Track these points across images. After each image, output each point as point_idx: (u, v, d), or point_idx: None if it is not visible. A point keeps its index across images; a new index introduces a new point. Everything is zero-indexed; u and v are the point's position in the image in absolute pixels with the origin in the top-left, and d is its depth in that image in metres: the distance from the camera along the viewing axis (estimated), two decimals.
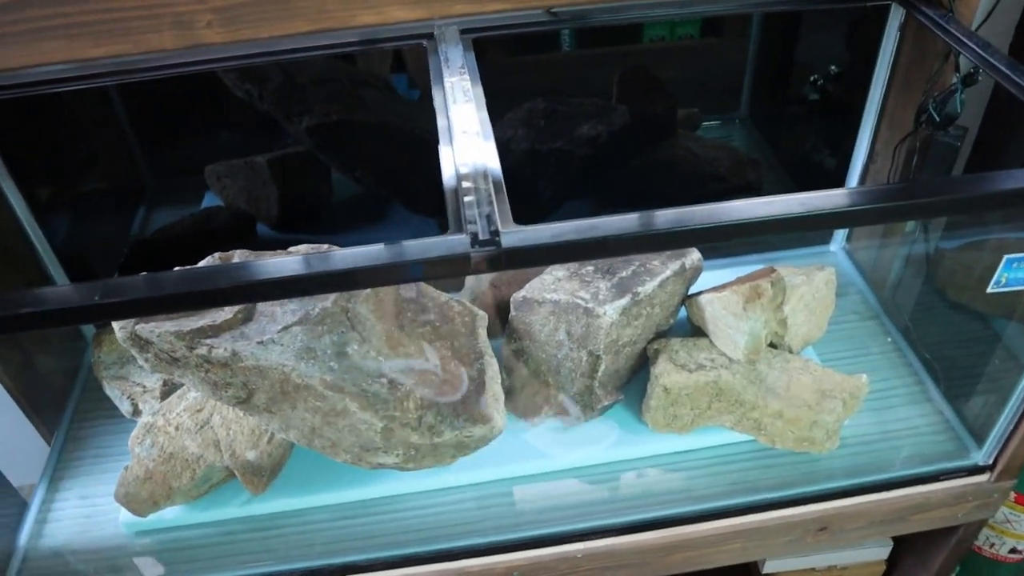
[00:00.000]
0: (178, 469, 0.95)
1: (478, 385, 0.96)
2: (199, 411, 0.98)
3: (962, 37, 0.93)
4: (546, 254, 0.69)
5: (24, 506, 1.03)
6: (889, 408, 1.09)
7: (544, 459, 1.03)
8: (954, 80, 1.03)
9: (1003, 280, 0.80)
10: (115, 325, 0.84)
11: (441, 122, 0.83)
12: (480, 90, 0.88)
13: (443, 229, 1.33)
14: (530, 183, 1.28)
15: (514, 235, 0.69)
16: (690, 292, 1.07)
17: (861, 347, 1.16)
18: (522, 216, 0.71)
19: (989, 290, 0.81)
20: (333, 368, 0.87)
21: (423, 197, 1.33)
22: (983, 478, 1.03)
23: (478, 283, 1.14)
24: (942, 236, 1.20)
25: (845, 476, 1.01)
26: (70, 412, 1.14)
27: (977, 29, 1.07)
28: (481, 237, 0.68)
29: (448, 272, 0.68)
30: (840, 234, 1.31)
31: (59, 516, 1.03)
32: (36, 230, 1.14)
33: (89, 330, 1.21)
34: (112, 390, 1.07)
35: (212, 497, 1.00)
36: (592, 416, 1.05)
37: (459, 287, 1.16)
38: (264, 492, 0.99)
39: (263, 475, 0.96)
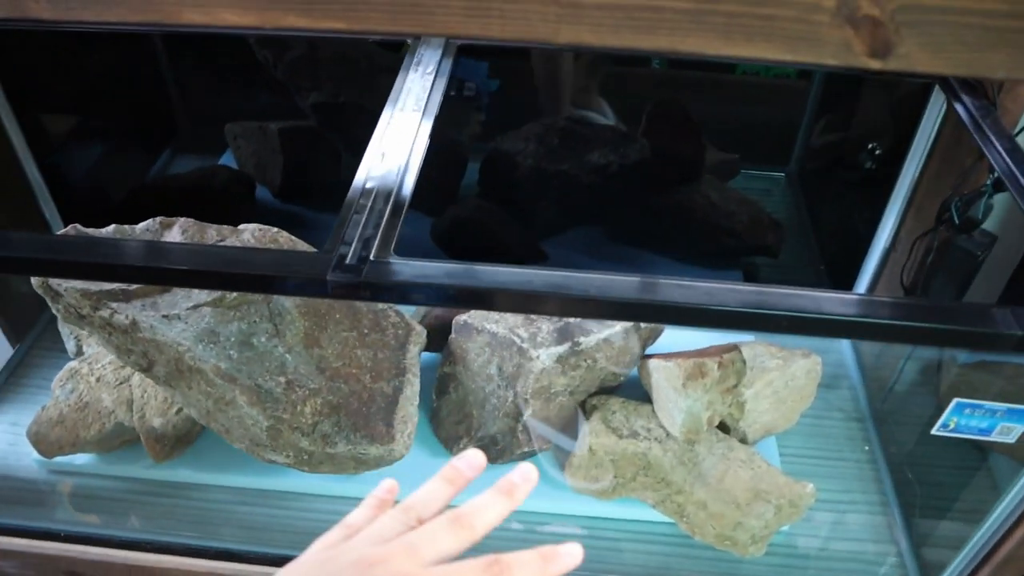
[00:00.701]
0: (89, 420, 0.96)
1: (390, 403, 0.92)
2: (122, 368, 0.99)
3: (993, 137, 0.81)
4: (409, 293, 0.64)
5: None
6: (840, 524, 0.99)
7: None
8: (986, 182, 0.91)
9: (951, 424, 0.70)
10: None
11: (379, 128, 0.79)
12: (438, 99, 0.83)
13: (436, 234, 1.29)
14: (528, 201, 1.22)
15: (381, 267, 0.64)
16: (648, 352, 1.00)
17: (833, 449, 1.06)
18: (511, 234, 0.65)
19: (934, 431, 0.71)
20: (231, 357, 0.85)
21: (419, 194, 1.29)
22: None
23: None
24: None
25: None
26: (29, 341, 1.17)
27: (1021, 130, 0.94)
28: (347, 261, 0.64)
29: (301, 292, 0.65)
30: None
31: None
32: (32, 167, 1.16)
33: None
34: (64, 327, 1.09)
35: (122, 453, 1.01)
36: (511, 460, 0.99)
37: None
38: (169, 461, 0.98)
39: (166, 444, 0.96)
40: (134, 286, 0.86)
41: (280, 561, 0.93)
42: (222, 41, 1.28)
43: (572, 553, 0.44)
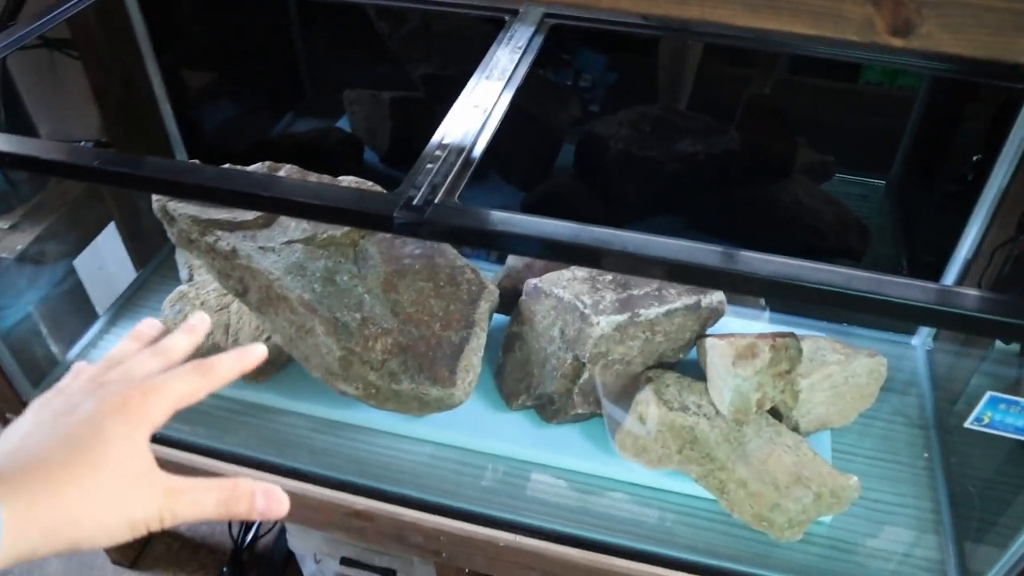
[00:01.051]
0: None
1: (455, 351, 0.98)
2: (224, 295, 1.09)
3: None
4: (464, 235, 0.70)
5: (90, 324, 1.21)
6: (886, 526, 0.98)
7: (507, 443, 1.04)
8: None
9: (985, 419, 0.70)
10: (153, 198, 0.96)
11: (464, 92, 0.86)
12: (523, 72, 0.89)
13: (525, 206, 1.36)
14: (615, 183, 1.26)
15: (443, 210, 0.70)
16: (708, 333, 1.02)
17: (889, 453, 1.05)
18: (594, 213, 0.70)
19: (967, 424, 0.71)
20: (315, 290, 0.93)
21: (516, 168, 1.35)
22: None
23: (517, 261, 1.15)
24: None
25: (798, 572, 0.94)
26: (158, 260, 1.31)
27: None
28: (414, 203, 0.71)
29: (370, 226, 0.72)
30: (926, 328, 1.18)
31: (107, 342, 1.19)
32: (171, 119, 1.29)
33: None
34: (179, 256, 1.21)
35: None
36: (565, 420, 1.04)
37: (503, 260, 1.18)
38: (255, 384, 1.08)
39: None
40: (240, 219, 0.96)
41: (342, 486, 1.02)
42: (346, 11, 1.38)
43: (259, 349, 0.51)
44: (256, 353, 0.51)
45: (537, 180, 1.33)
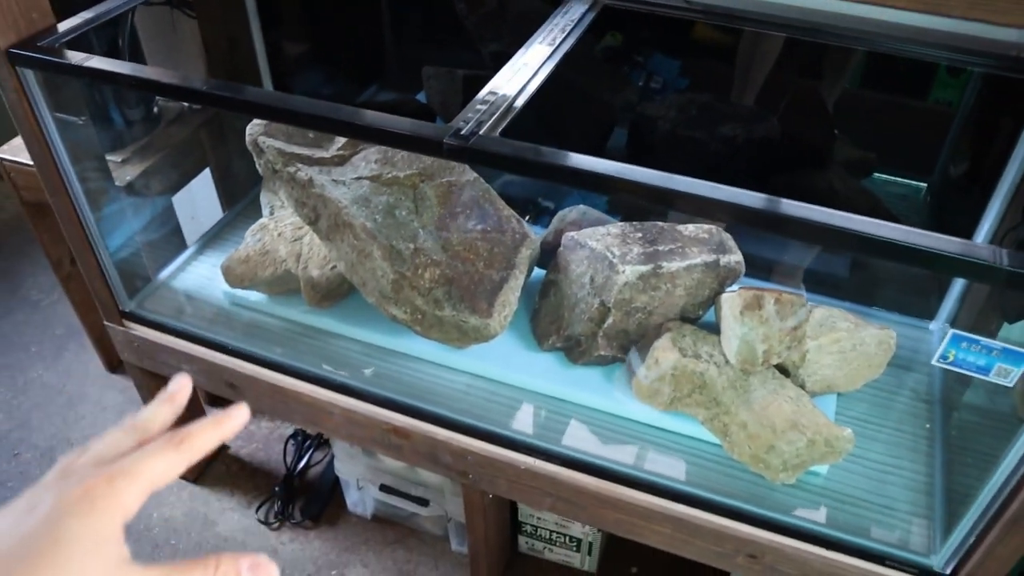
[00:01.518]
0: (266, 263, 1.21)
1: (494, 287, 1.10)
2: (300, 228, 1.24)
3: None
4: (501, 161, 0.82)
5: (181, 251, 1.37)
6: (883, 483, 1.05)
7: (535, 379, 1.15)
8: None
9: (949, 356, 0.78)
10: (247, 130, 1.11)
11: (517, 54, 0.98)
12: (572, 42, 1.01)
13: None
14: (660, 162, 1.36)
15: (486, 140, 0.82)
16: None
17: (892, 421, 1.12)
18: None
19: (933, 361, 0.79)
20: (376, 220, 1.06)
21: (571, 146, 1.46)
22: None
23: (562, 221, 1.26)
24: None
25: (791, 514, 1.01)
26: (242, 204, 1.47)
27: None
28: (462, 132, 0.83)
29: (423, 149, 0.84)
30: (944, 314, 1.24)
31: (193, 269, 1.35)
32: (269, 83, 1.45)
33: None
34: (264, 197, 1.36)
35: (285, 297, 1.25)
36: (589, 361, 1.14)
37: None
38: (318, 308, 1.22)
39: (318, 291, 1.19)
40: (318, 155, 1.10)
41: (386, 403, 1.14)
42: None
43: (241, 414, 0.46)
44: (236, 419, 0.46)
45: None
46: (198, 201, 1.49)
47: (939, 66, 1.38)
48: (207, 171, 1.51)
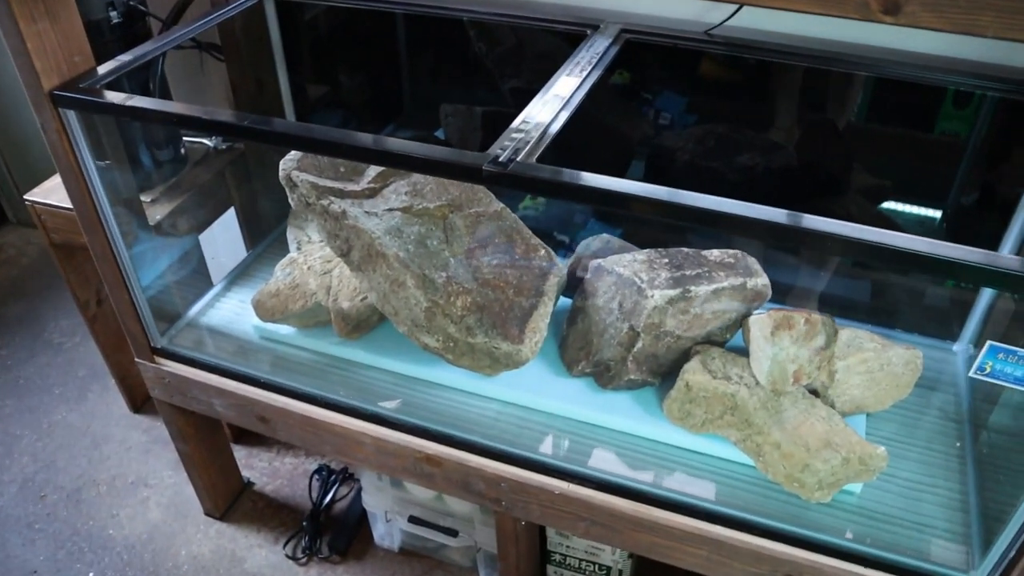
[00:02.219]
0: (297, 296, 1.23)
1: (524, 314, 1.12)
2: (329, 262, 1.26)
3: None
4: (540, 185, 0.84)
5: (207, 289, 1.39)
6: (917, 501, 1.05)
7: (566, 404, 1.16)
8: None
9: (987, 368, 0.79)
10: (280, 165, 1.13)
11: (549, 84, 1.01)
12: (598, 74, 1.04)
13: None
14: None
15: (523, 167, 0.85)
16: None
17: (923, 441, 1.13)
18: None
19: (970, 374, 0.80)
20: (409, 250, 1.08)
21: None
22: None
23: (586, 249, 1.28)
24: None
25: (828, 533, 1.02)
26: (268, 242, 1.49)
27: None
28: (500, 160, 0.85)
29: (463, 176, 0.86)
30: (968, 335, 1.25)
31: (221, 305, 1.37)
32: (291, 112, 1.49)
33: None
34: (291, 233, 1.39)
35: (315, 331, 1.27)
36: (620, 386, 1.15)
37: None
38: (349, 339, 1.23)
39: (349, 323, 1.21)
40: (349, 188, 1.12)
41: (417, 432, 1.15)
42: (447, 34, 1.56)
43: None
44: None
45: None
46: (223, 239, 1.52)
47: (945, 98, 1.41)
48: (231, 210, 1.54)
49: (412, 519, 1.40)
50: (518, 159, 0.85)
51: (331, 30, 1.53)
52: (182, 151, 1.48)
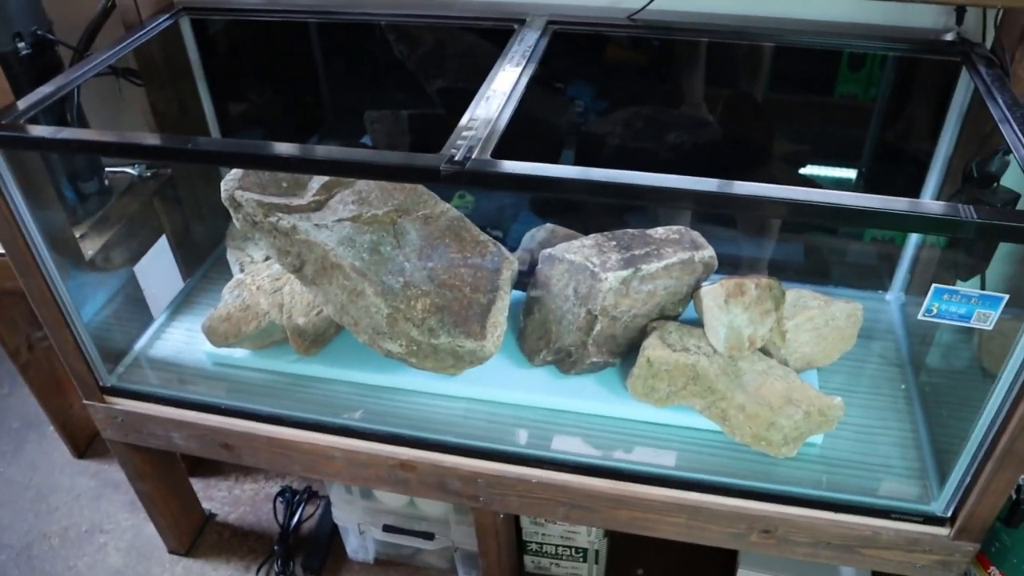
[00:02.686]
0: (249, 318, 1.21)
1: (483, 310, 1.13)
2: (277, 279, 1.24)
3: (1004, 106, 0.96)
4: (497, 180, 0.86)
5: (150, 321, 1.35)
6: (872, 443, 1.12)
7: (532, 394, 1.18)
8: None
9: (934, 309, 0.84)
10: (222, 186, 1.11)
11: (487, 81, 1.02)
12: (533, 67, 1.06)
13: (532, 203, 1.52)
14: None
15: (480, 163, 0.86)
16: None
17: (871, 387, 1.19)
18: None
19: (919, 316, 0.85)
20: (364, 258, 1.08)
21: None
22: (942, 531, 1.04)
23: (532, 240, 1.30)
24: None
25: (798, 485, 1.07)
26: (205, 267, 1.46)
27: None
28: (456, 159, 0.86)
29: (421, 179, 0.87)
30: (898, 284, 1.33)
31: (168, 336, 1.33)
32: (216, 132, 1.46)
33: None
34: (231, 256, 1.36)
35: (271, 351, 1.25)
36: (582, 370, 1.18)
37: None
38: (307, 356, 1.22)
39: (307, 339, 1.20)
40: (295, 203, 1.11)
41: (388, 439, 1.15)
42: (366, 41, 1.56)
43: None
44: None
45: None
46: (159, 269, 1.48)
47: (840, 63, 1.49)
48: (163, 239, 1.50)
49: (386, 528, 1.40)
50: (473, 156, 0.87)
51: (250, 46, 1.50)
52: (106, 182, 1.43)
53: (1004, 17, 1.09)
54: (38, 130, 0.98)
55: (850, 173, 1.61)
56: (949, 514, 1.03)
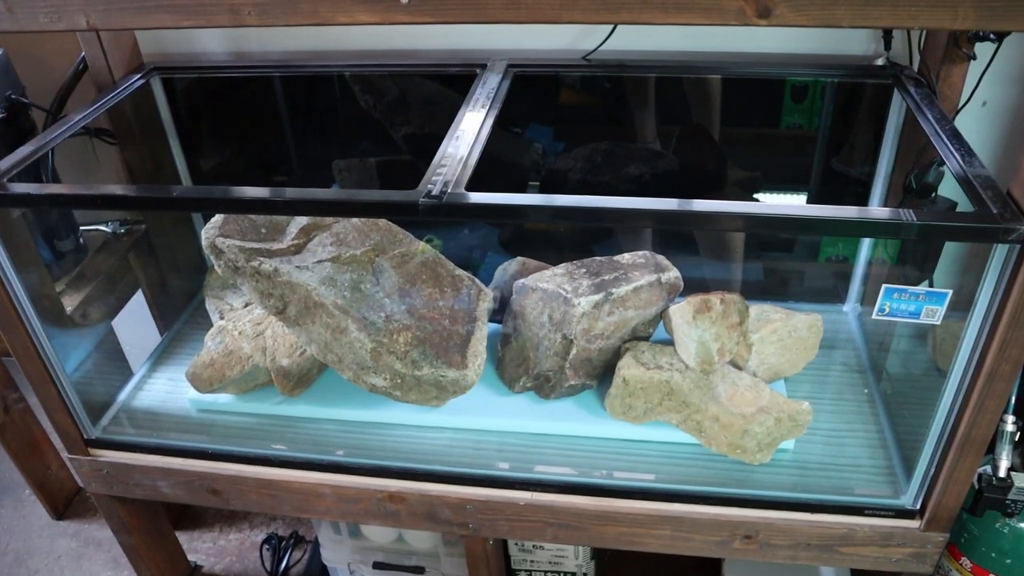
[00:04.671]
0: (232, 362, 1.24)
1: (463, 341, 1.17)
2: (259, 324, 1.27)
3: (933, 121, 1.04)
4: (475, 210, 0.91)
5: (129, 375, 1.37)
6: (841, 446, 1.17)
7: (514, 420, 1.21)
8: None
9: (886, 309, 0.91)
10: (202, 235, 1.15)
11: (456, 122, 1.08)
12: (497, 108, 1.12)
13: (502, 240, 1.57)
14: None
15: (456, 196, 0.91)
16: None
17: (835, 393, 1.25)
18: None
19: (873, 316, 0.92)
20: (345, 296, 1.12)
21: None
22: (913, 524, 1.09)
23: (504, 273, 1.35)
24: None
25: (775, 490, 1.11)
26: (183, 319, 1.48)
27: (963, 106, 1.16)
28: (432, 193, 0.91)
29: (400, 213, 0.92)
30: (853, 296, 1.40)
31: (150, 386, 1.35)
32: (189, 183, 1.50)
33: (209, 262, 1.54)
34: (210, 304, 1.39)
35: (255, 394, 1.27)
36: (561, 394, 1.22)
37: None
38: (292, 397, 1.25)
39: (291, 380, 1.22)
40: (275, 247, 1.15)
41: (376, 472, 1.18)
42: (333, 90, 1.61)
43: None
44: None
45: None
46: (136, 323, 1.50)
47: (784, 95, 1.58)
48: (139, 293, 1.52)
49: (376, 565, 1.41)
50: (449, 191, 0.92)
51: (220, 102, 1.54)
52: (80, 240, 1.45)
53: (927, 40, 1.18)
54: (23, 187, 1.01)
55: (800, 197, 1.70)
56: (918, 506, 1.08)
